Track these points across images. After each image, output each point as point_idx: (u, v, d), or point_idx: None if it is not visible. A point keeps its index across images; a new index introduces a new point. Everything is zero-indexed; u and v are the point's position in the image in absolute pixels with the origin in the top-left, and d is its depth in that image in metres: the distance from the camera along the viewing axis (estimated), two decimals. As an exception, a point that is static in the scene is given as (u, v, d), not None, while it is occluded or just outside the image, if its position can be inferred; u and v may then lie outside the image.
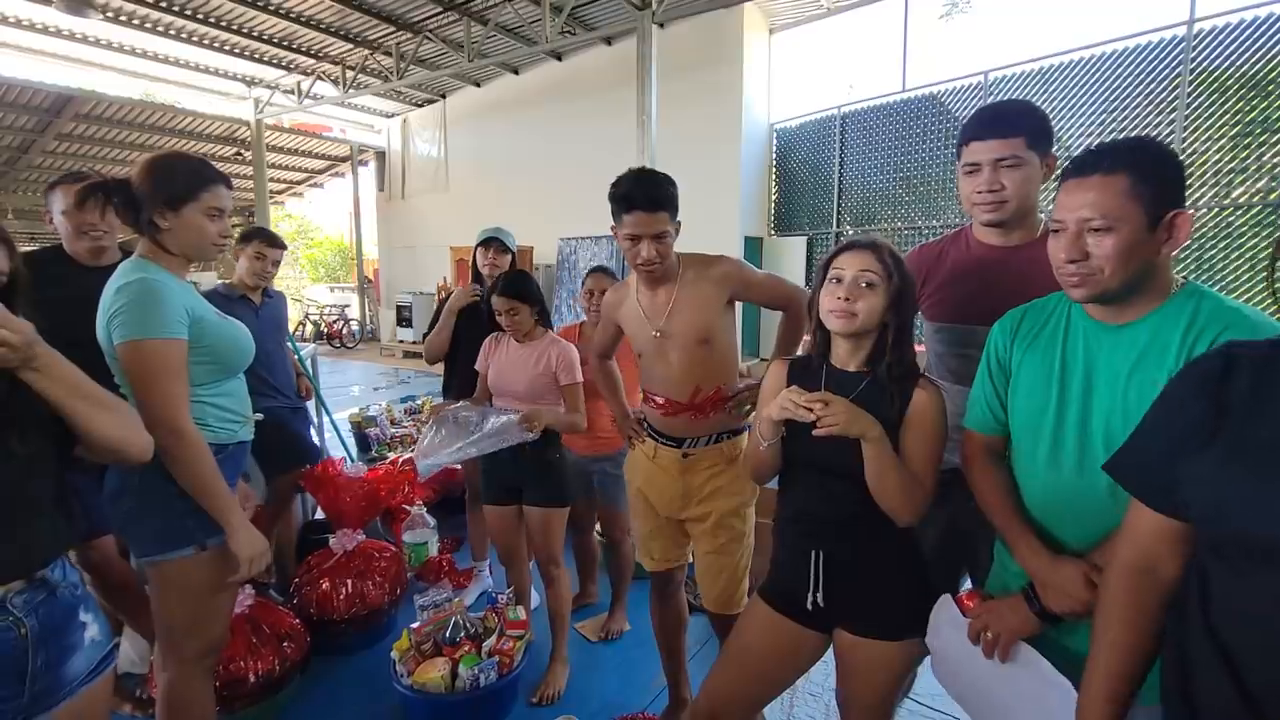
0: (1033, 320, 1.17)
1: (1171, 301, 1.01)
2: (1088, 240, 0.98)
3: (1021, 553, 1.11)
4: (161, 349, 1.30)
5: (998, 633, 1.10)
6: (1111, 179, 0.96)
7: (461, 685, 1.92)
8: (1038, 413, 1.11)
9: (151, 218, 1.37)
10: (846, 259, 1.22)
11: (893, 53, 8.16)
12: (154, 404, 1.28)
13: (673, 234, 1.64)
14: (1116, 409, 1.02)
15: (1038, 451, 1.11)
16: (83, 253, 1.92)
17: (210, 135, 11.86)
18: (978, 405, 1.24)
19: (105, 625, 1.15)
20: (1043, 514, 1.12)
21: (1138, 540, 0.86)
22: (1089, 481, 1.04)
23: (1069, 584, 1.02)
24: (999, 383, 1.20)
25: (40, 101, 9.49)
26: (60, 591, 1.05)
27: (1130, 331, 1.02)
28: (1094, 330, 1.07)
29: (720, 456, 1.74)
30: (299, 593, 2.41)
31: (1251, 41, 5.80)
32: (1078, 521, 1.07)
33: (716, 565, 1.74)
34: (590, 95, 9.74)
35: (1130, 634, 0.86)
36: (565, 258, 10.22)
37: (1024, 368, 1.15)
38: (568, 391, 2.11)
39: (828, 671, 2.16)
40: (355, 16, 8.57)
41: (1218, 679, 0.71)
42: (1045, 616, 1.06)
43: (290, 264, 23.00)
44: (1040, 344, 1.14)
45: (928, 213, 8.02)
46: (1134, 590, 0.86)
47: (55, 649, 1.03)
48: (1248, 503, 0.69)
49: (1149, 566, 0.85)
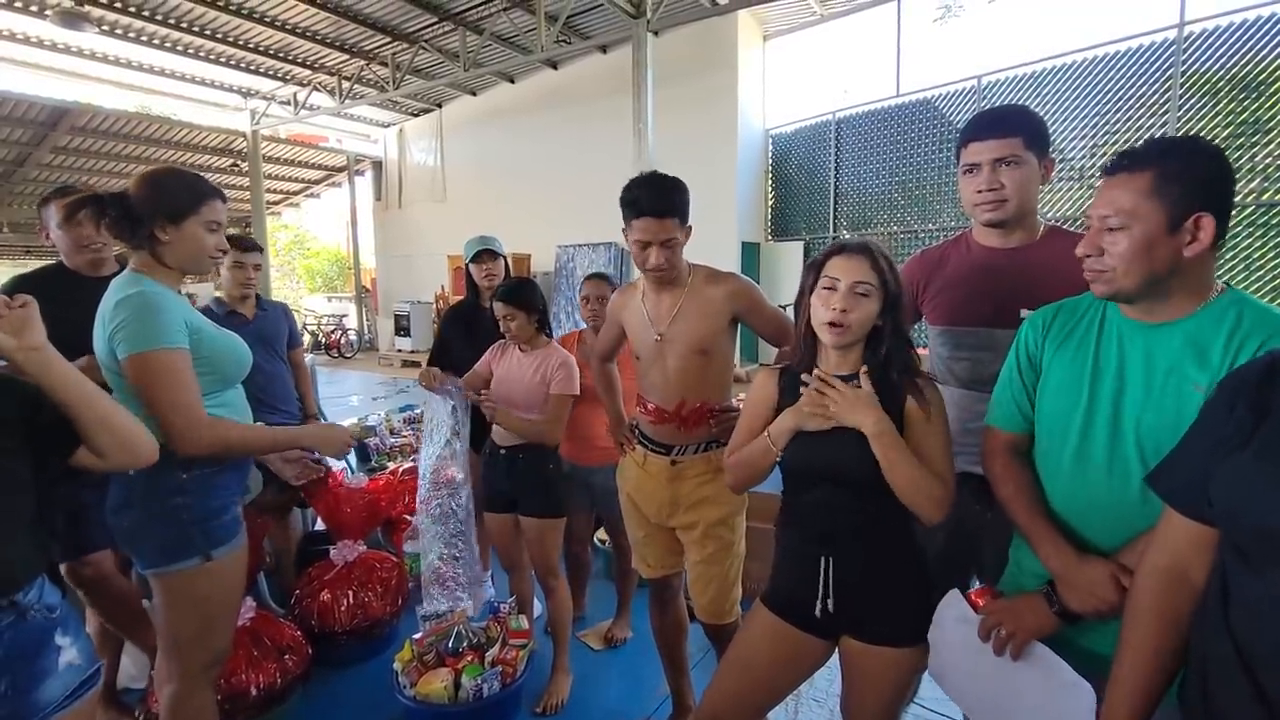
0: (1065, 319, 1.16)
1: (1212, 305, 1.00)
2: (1104, 238, 0.98)
3: (1045, 550, 1.08)
4: (167, 359, 1.30)
5: (1012, 631, 1.08)
6: (1135, 177, 0.96)
7: (464, 696, 1.91)
8: (1067, 411, 1.10)
9: (153, 231, 1.37)
10: (840, 266, 1.20)
11: (886, 58, 8.21)
12: (171, 415, 1.30)
13: (682, 240, 1.65)
14: (1150, 408, 1.01)
15: (1065, 450, 1.10)
16: (83, 266, 1.94)
17: (206, 147, 11.88)
18: (1004, 402, 1.22)
19: (87, 648, 1.12)
20: (1067, 513, 1.10)
21: (1171, 545, 0.86)
22: (1119, 481, 1.03)
23: (1096, 585, 1.00)
24: (1028, 380, 1.19)
25: (36, 115, 9.49)
26: (32, 615, 1.02)
27: (1166, 331, 1.02)
28: (1129, 328, 1.06)
29: (708, 465, 1.73)
30: (300, 605, 2.39)
31: (1241, 43, 5.85)
32: (1105, 521, 1.06)
33: (706, 575, 1.74)
34: (586, 103, 9.79)
35: (1160, 637, 0.85)
36: (563, 265, 10.23)
37: (1055, 365, 1.14)
38: (551, 399, 2.08)
39: (831, 678, 2.16)
40: (351, 27, 8.61)
41: (1234, 678, 0.71)
42: (1065, 616, 1.04)
43: (288, 274, 23.02)
44: (1073, 342, 1.13)
45: (924, 216, 8.05)
46: (1165, 594, 0.86)
47: (23, 674, 1.00)
48: (1270, 498, 0.69)
49: (1181, 571, 0.85)
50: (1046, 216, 5.50)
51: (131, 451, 1.13)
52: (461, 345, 2.55)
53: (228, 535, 1.43)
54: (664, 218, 1.59)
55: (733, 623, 1.78)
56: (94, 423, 1.05)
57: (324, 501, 2.64)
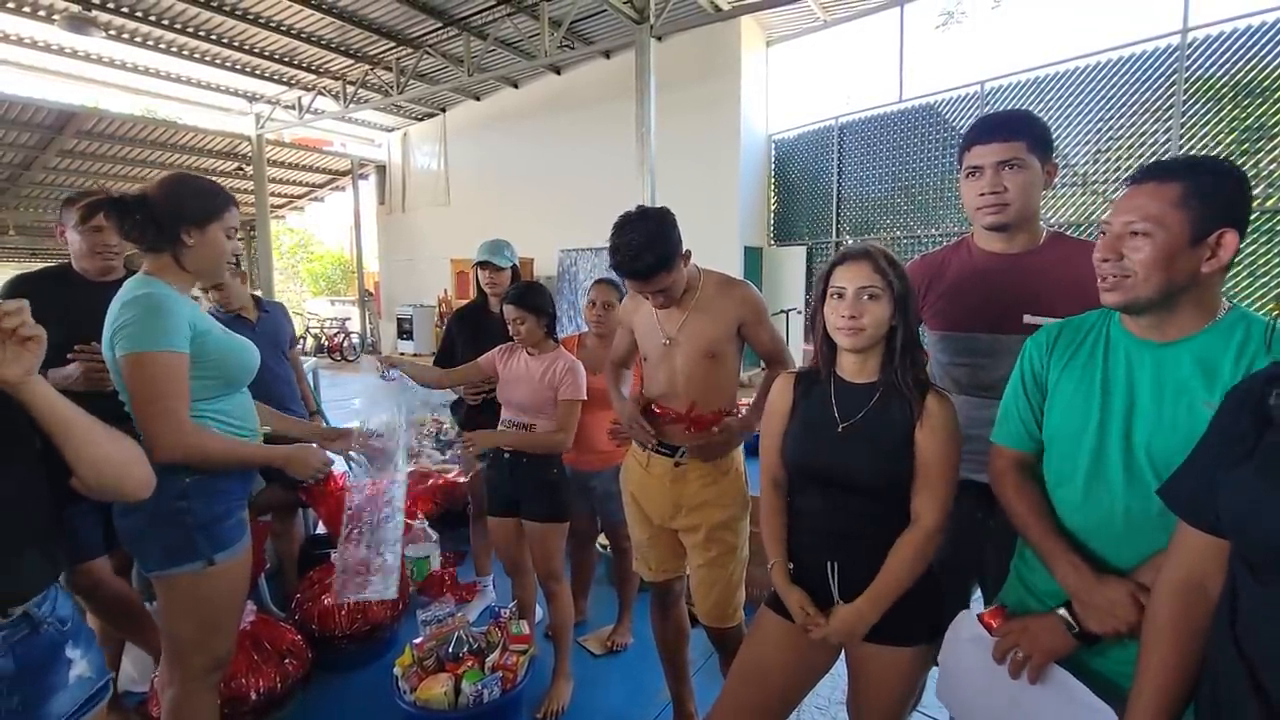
0: (1070, 336, 1.15)
1: (1220, 323, 0.99)
2: (1126, 243, 0.98)
3: (1062, 570, 1.06)
4: (164, 360, 1.30)
5: (1029, 653, 1.05)
6: (1164, 187, 0.96)
7: (465, 701, 1.90)
8: (1078, 431, 1.09)
9: (179, 235, 1.39)
10: (844, 273, 1.22)
11: (889, 63, 8.21)
12: (154, 423, 1.29)
13: (676, 277, 1.65)
14: (1161, 428, 1.00)
15: (1078, 470, 1.08)
16: (93, 270, 1.92)
17: (212, 150, 11.91)
18: (1011, 421, 1.20)
19: (99, 660, 1.11)
20: (1082, 532, 1.09)
21: (1186, 559, 0.86)
22: (1136, 500, 1.02)
23: (1116, 605, 0.98)
24: (1034, 399, 1.17)
25: (43, 119, 9.52)
26: (45, 628, 1.01)
27: (1174, 350, 1.01)
28: (1136, 347, 1.05)
29: (712, 467, 1.73)
30: (300, 609, 2.39)
31: (1244, 49, 5.84)
32: (1121, 540, 1.04)
33: (710, 578, 1.74)
34: (589, 108, 9.80)
35: (1179, 653, 0.85)
36: (566, 269, 10.24)
37: (1062, 385, 1.13)
38: (561, 406, 2.07)
39: (834, 685, 2.15)
40: (356, 33, 8.63)
41: (1242, 689, 0.71)
42: (1083, 638, 1.02)
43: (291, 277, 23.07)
44: (1079, 360, 1.11)
45: (926, 221, 8.04)
46: (1182, 610, 0.85)
47: (33, 689, 0.98)
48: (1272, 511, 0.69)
49: (1198, 585, 0.84)
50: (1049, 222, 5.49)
51: (113, 488, 1.07)
52: (466, 346, 2.58)
53: (231, 539, 1.43)
54: (649, 279, 1.61)
55: (736, 626, 1.77)
56: (69, 455, 0.99)
57: (326, 504, 2.63)
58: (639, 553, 1.92)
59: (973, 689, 1.16)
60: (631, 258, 1.58)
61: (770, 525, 1.36)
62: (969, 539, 1.46)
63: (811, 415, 1.29)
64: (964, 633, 1.17)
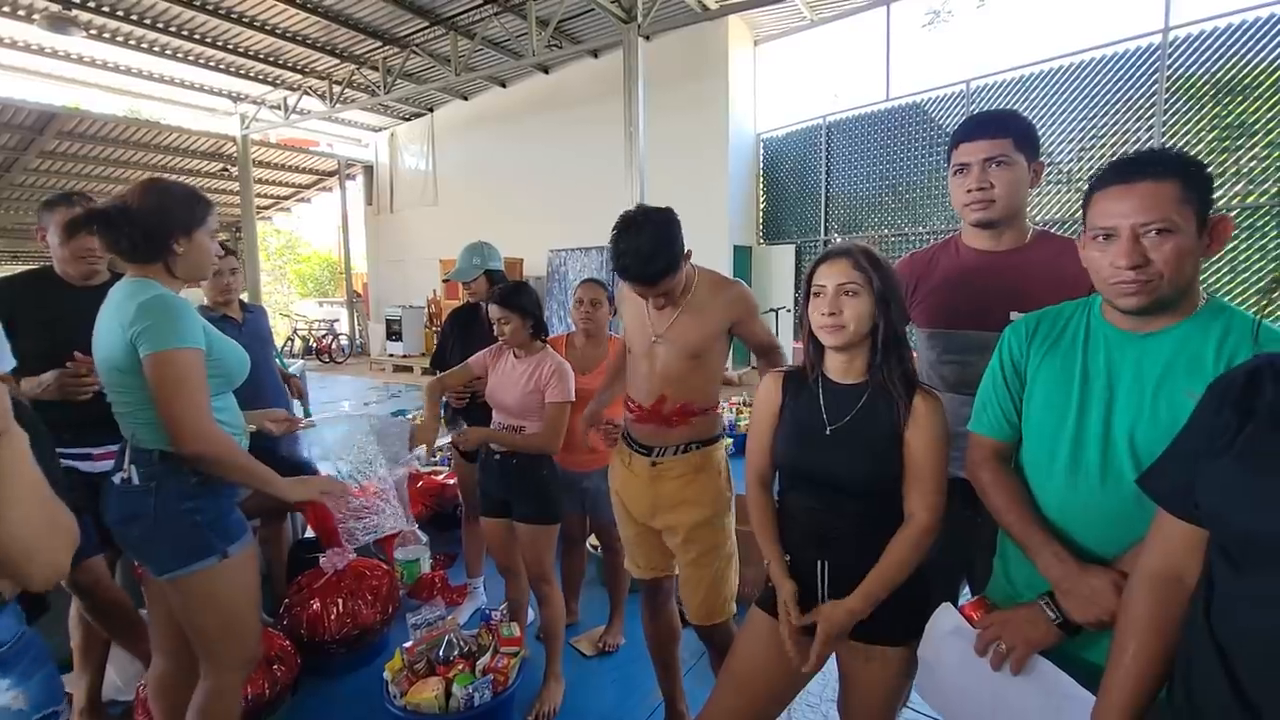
0: (1049, 326, 1.15)
1: (1200, 314, 1.00)
2: (1145, 245, 0.96)
3: (1044, 560, 1.06)
4: (191, 358, 1.35)
5: (1012, 645, 1.05)
6: (1164, 185, 0.95)
7: (456, 705, 1.89)
8: (1057, 421, 1.09)
9: (169, 245, 1.40)
10: (825, 271, 1.23)
11: (876, 62, 8.27)
12: (183, 413, 1.32)
13: (680, 278, 1.64)
14: (1143, 418, 1.00)
15: (1056, 460, 1.09)
16: (76, 275, 1.91)
17: (196, 151, 11.78)
18: (989, 410, 1.21)
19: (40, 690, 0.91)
20: (1062, 522, 1.09)
21: (1164, 548, 0.86)
22: (1113, 491, 1.02)
23: (1099, 594, 0.99)
24: (1014, 388, 1.18)
25: (23, 119, 9.39)
26: None
27: (1155, 341, 1.01)
28: (1116, 338, 1.06)
29: (688, 466, 1.73)
30: (289, 613, 2.37)
31: (1225, 48, 5.93)
32: (1102, 530, 1.05)
33: (694, 578, 1.74)
34: (578, 107, 9.79)
35: (1156, 641, 0.85)
36: (555, 269, 10.22)
37: (1042, 374, 1.13)
38: (549, 408, 2.06)
39: (825, 683, 2.16)
40: (342, 32, 8.58)
41: (1215, 676, 0.72)
42: (1066, 627, 1.03)
43: (279, 279, 22.88)
44: (1059, 351, 1.12)
45: (914, 219, 8.10)
46: (1159, 599, 0.86)
47: None
48: (1256, 502, 0.70)
49: (1174, 574, 0.85)
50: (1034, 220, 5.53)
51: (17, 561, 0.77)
52: (457, 345, 2.62)
53: (239, 531, 1.48)
54: (656, 284, 1.59)
55: (725, 623, 1.77)
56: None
57: (314, 508, 2.61)
58: (628, 551, 1.92)
59: (953, 683, 1.15)
60: (642, 264, 1.54)
61: (761, 524, 1.36)
62: (957, 537, 1.46)
63: (800, 417, 1.29)
64: (944, 626, 1.17)
